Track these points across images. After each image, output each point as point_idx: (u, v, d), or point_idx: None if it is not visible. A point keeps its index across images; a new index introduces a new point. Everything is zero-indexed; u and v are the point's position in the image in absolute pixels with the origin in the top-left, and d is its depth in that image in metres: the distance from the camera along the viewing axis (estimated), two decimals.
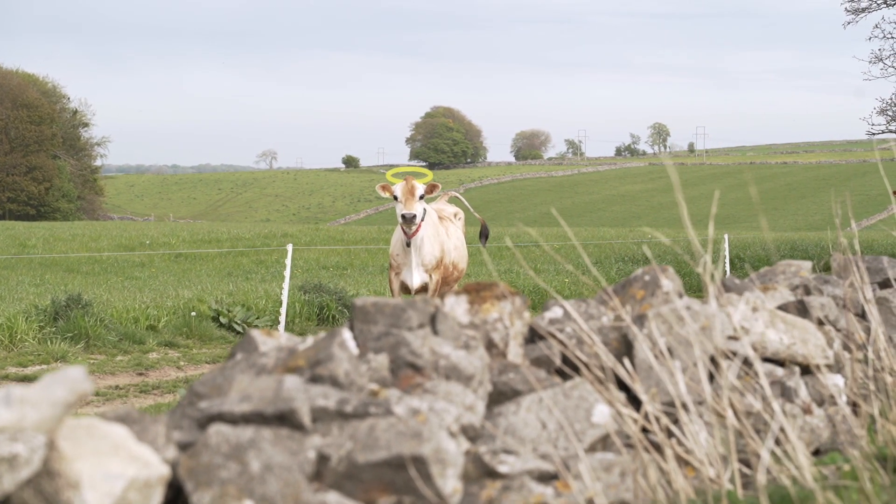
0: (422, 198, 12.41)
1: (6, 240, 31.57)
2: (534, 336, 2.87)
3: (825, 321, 3.52)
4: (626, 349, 2.86)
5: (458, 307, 2.74)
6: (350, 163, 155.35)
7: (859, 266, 3.69)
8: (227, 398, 2.00)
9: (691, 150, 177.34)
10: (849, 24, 29.36)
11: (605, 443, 2.50)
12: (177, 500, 1.90)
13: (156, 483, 1.74)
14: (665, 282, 3.06)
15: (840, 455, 2.92)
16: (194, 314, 13.80)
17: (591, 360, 2.76)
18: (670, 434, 2.62)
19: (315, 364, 2.14)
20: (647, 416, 2.57)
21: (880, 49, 30.17)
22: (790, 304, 3.53)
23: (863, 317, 3.87)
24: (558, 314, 2.92)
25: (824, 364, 3.27)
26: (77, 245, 30.05)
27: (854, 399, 3.29)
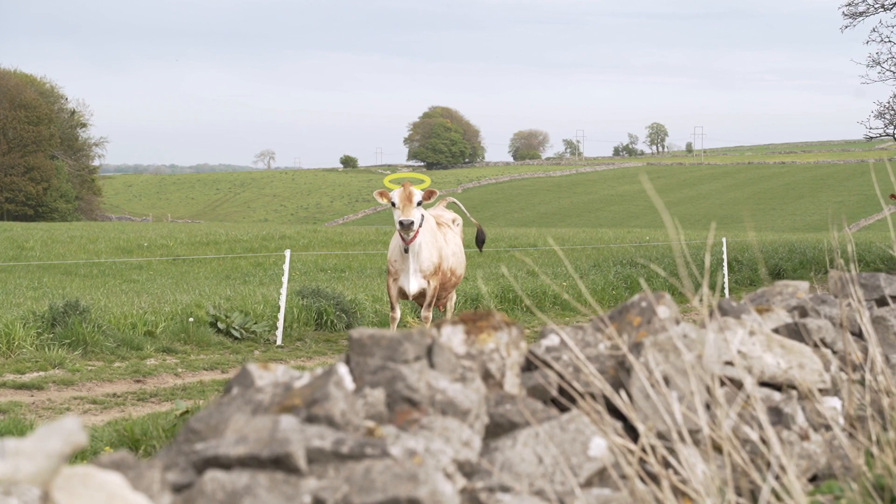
0: (419, 204, 12.37)
1: (4, 242, 31.55)
2: (530, 365, 2.87)
3: (821, 344, 3.51)
4: (622, 378, 2.85)
5: (455, 337, 2.73)
6: (348, 163, 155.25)
7: (855, 286, 3.68)
8: (222, 440, 1.99)
9: (689, 150, 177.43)
10: (846, 27, 29.41)
11: (601, 476, 2.49)
12: None
13: None
14: (661, 309, 3.06)
15: (837, 483, 2.91)
16: (192, 320, 13.77)
17: (587, 390, 2.76)
18: (667, 464, 2.62)
19: (311, 403, 2.14)
20: (643, 449, 2.57)
21: (878, 53, 30.24)
22: (787, 327, 3.52)
23: (860, 336, 3.86)
24: (555, 342, 2.92)
25: (821, 388, 3.26)
26: (75, 247, 30.03)
27: (851, 422, 3.29)
